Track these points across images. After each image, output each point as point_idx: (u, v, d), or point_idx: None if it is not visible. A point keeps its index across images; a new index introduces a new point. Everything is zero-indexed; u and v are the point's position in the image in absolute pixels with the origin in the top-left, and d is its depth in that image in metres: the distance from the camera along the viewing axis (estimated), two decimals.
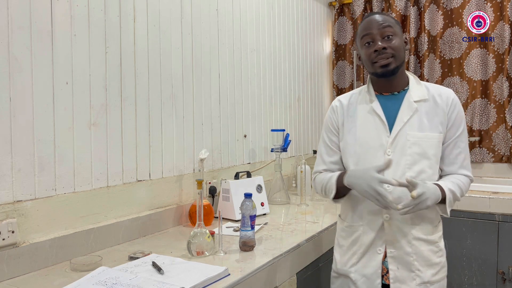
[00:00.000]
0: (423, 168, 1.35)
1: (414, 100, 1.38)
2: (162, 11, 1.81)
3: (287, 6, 2.82)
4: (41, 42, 1.35)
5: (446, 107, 1.38)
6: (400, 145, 1.36)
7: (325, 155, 1.52)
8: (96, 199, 1.53)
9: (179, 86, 1.90)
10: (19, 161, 1.30)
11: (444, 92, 1.41)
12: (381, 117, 1.39)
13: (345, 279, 1.47)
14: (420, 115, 1.37)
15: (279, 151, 2.36)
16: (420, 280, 1.36)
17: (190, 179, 1.95)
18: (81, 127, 1.48)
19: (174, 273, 1.22)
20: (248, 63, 2.40)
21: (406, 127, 1.36)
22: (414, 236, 1.36)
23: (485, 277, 2.37)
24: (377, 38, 1.35)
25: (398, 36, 1.36)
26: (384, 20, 1.36)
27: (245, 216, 1.49)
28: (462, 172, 1.40)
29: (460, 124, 1.39)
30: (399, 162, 1.35)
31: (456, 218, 2.41)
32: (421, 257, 1.36)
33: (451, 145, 1.39)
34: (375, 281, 1.39)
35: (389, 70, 1.35)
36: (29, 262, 1.29)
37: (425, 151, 1.35)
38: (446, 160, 1.41)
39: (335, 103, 1.52)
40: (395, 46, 1.34)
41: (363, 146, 1.40)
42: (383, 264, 1.39)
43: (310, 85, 3.15)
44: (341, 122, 1.48)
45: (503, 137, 2.83)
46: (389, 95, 1.42)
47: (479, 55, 2.89)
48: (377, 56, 1.34)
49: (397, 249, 1.36)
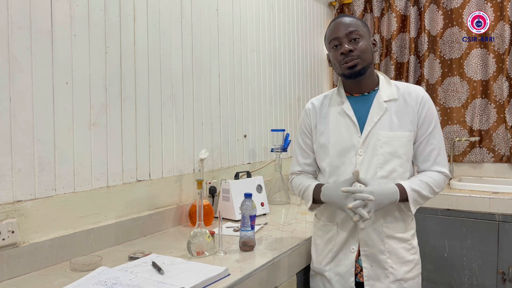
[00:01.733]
0: (394, 167, 1.38)
1: (384, 100, 1.40)
2: (162, 11, 1.81)
3: (287, 6, 2.82)
4: (41, 42, 1.35)
5: (416, 106, 1.40)
6: (372, 145, 1.38)
7: (300, 157, 1.58)
8: (96, 199, 1.53)
9: (179, 86, 1.90)
10: (19, 161, 1.30)
11: (414, 90, 1.43)
12: (351, 118, 1.41)
13: (321, 277, 1.50)
14: (390, 114, 1.39)
15: (279, 151, 2.36)
16: (394, 278, 1.39)
17: (190, 179, 1.96)
18: (81, 127, 1.48)
19: (174, 273, 1.22)
20: (248, 63, 2.40)
21: (376, 127, 1.39)
22: (387, 234, 1.39)
23: (485, 277, 2.37)
24: (343, 41, 1.38)
25: (364, 38, 1.38)
26: (351, 23, 1.39)
27: (245, 216, 1.49)
28: (435, 168, 1.41)
29: (431, 121, 1.41)
30: (371, 161, 1.38)
31: (456, 218, 2.41)
32: (394, 254, 1.39)
33: (423, 143, 1.41)
34: (348, 279, 1.42)
35: (355, 71, 1.38)
36: (29, 262, 1.29)
37: (396, 150, 1.37)
38: (419, 158, 1.43)
39: (307, 106, 1.56)
40: (361, 48, 1.37)
41: (336, 147, 1.43)
42: (357, 263, 1.42)
43: (310, 85, 3.15)
44: (313, 124, 1.51)
45: (503, 137, 2.83)
46: (359, 96, 1.45)
47: (479, 55, 2.89)
48: (344, 59, 1.38)
49: (370, 247, 1.39)
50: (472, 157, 2.92)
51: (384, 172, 1.37)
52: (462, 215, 2.40)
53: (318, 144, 1.48)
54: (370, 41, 1.42)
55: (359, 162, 1.39)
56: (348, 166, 1.39)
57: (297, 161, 1.58)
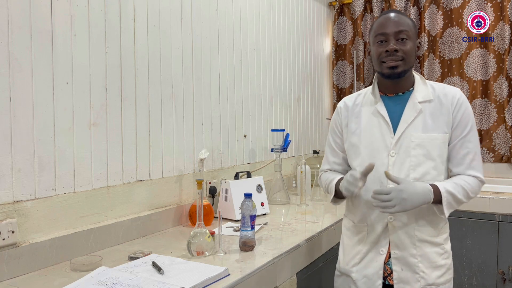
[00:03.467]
0: (427, 169, 1.34)
1: (419, 101, 1.37)
2: (162, 11, 1.81)
3: (287, 6, 2.82)
4: (41, 42, 1.35)
5: (451, 107, 1.36)
6: (404, 146, 1.35)
7: (330, 155, 1.57)
8: (96, 199, 1.53)
9: (179, 86, 1.90)
10: (19, 161, 1.30)
11: (450, 92, 1.38)
12: (385, 118, 1.39)
13: (346, 278, 1.48)
14: (425, 116, 1.36)
15: (279, 151, 2.36)
16: (425, 282, 1.35)
17: (190, 179, 1.95)
18: (81, 127, 1.48)
19: (174, 273, 1.22)
20: (248, 63, 2.40)
21: (410, 128, 1.36)
22: (419, 238, 1.35)
23: (485, 277, 2.37)
24: (390, 39, 1.33)
25: (411, 40, 1.35)
26: (401, 21, 1.34)
27: (245, 216, 1.49)
28: (469, 173, 1.36)
29: (466, 124, 1.36)
30: (404, 163, 1.35)
31: (456, 218, 2.41)
32: (426, 259, 1.35)
33: (457, 145, 1.36)
34: (376, 281, 1.39)
35: (396, 72, 1.34)
36: (29, 262, 1.29)
37: (430, 152, 1.34)
38: (453, 161, 1.38)
39: (339, 105, 1.54)
40: (407, 50, 1.33)
41: (368, 147, 1.40)
42: (387, 265, 1.39)
43: (310, 85, 3.14)
44: (344, 123, 1.49)
45: (503, 137, 2.83)
46: (394, 96, 1.42)
47: (479, 55, 2.89)
48: (387, 57, 1.33)
49: (401, 250, 1.36)
50: None
51: (417, 174, 1.33)
52: (462, 215, 2.40)
53: (350, 143, 1.46)
54: (416, 44, 1.38)
55: (391, 163, 1.36)
56: (380, 167, 1.36)
57: (327, 160, 1.58)
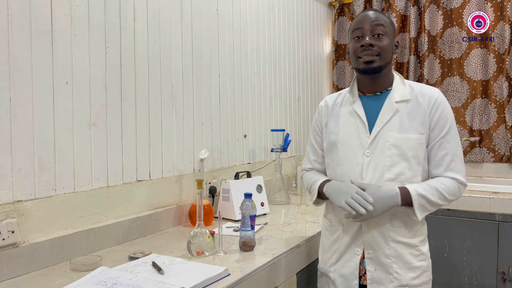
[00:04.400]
0: (402, 170, 1.33)
1: (396, 100, 1.36)
2: (162, 11, 1.81)
3: (287, 6, 2.82)
4: (41, 42, 1.35)
5: (428, 107, 1.35)
6: (380, 146, 1.35)
7: (311, 154, 1.59)
8: (96, 199, 1.53)
9: (179, 86, 1.90)
10: (19, 161, 1.30)
11: (427, 92, 1.38)
12: (361, 118, 1.39)
13: (326, 278, 1.49)
14: (401, 116, 1.35)
15: (279, 151, 2.36)
16: (398, 283, 1.34)
17: (190, 179, 1.95)
18: (81, 127, 1.48)
19: (174, 273, 1.22)
20: (248, 63, 2.40)
21: (386, 128, 1.35)
22: (393, 239, 1.35)
23: (485, 277, 2.37)
24: (366, 34, 1.34)
25: (388, 37, 1.36)
26: (378, 17, 1.36)
27: (245, 216, 1.49)
28: (448, 174, 1.34)
29: (444, 124, 1.35)
30: (378, 163, 1.35)
31: (456, 218, 2.41)
32: (400, 259, 1.35)
33: (436, 147, 1.35)
34: (352, 281, 1.40)
35: (371, 67, 1.34)
36: (29, 262, 1.29)
37: (405, 153, 1.33)
38: (432, 162, 1.37)
39: (321, 104, 1.56)
40: (383, 45, 1.34)
41: (344, 146, 1.41)
42: (362, 265, 1.40)
43: (310, 85, 3.14)
44: (324, 122, 1.51)
45: (503, 137, 2.83)
46: (371, 95, 1.42)
47: (479, 55, 2.89)
48: (363, 52, 1.34)
49: (375, 250, 1.36)
50: (472, 157, 2.92)
51: (391, 174, 1.33)
52: (462, 215, 2.40)
53: (328, 142, 1.47)
54: (393, 42, 1.38)
55: (366, 162, 1.36)
56: (355, 166, 1.37)
57: (308, 158, 1.59)
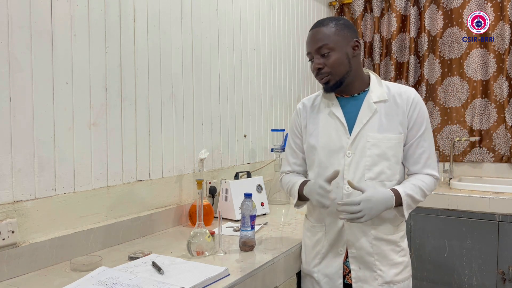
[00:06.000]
0: (382, 169, 1.36)
1: (374, 101, 1.38)
2: (162, 11, 1.81)
3: (287, 6, 2.82)
4: (41, 42, 1.35)
5: (406, 107, 1.38)
6: (360, 146, 1.37)
7: (290, 157, 1.58)
8: (96, 199, 1.53)
9: (179, 86, 1.90)
10: (19, 161, 1.30)
11: (404, 92, 1.40)
12: (340, 120, 1.40)
13: (310, 278, 1.49)
14: (380, 116, 1.37)
15: (279, 151, 2.36)
16: (382, 280, 1.37)
17: (190, 179, 1.95)
18: (81, 127, 1.48)
19: (174, 273, 1.22)
20: (248, 63, 2.40)
21: (365, 129, 1.37)
22: (375, 236, 1.37)
23: (485, 277, 2.37)
24: (315, 56, 1.39)
25: (336, 50, 1.35)
26: (319, 37, 1.36)
27: (245, 216, 1.49)
28: (426, 171, 1.40)
29: (421, 123, 1.38)
30: (359, 163, 1.36)
31: (456, 218, 2.41)
32: (383, 257, 1.38)
33: (414, 145, 1.39)
34: (337, 281, 1.41)
35: (329, 86, 1.39)
36: (29, 262, 1.29)
37: (385, 152, 1.36)
38: (410, 160, 1.41)
39: (298, 106, 1.55)
40: (331, 63, 1.35)
41: (324, 148, 1.42)
42: (345, 264, 1.41)
43: (310, 85, 3.14)
44: (303, 124, 1.51)
45: (503, 137, 2.83)
46: (349, 97, 1.44)
47: (479, 55, 2.89)
48: (316, 75, 1.40)
49: (358, 249, 1.38)
50: (472, 157, 2.92)
51: (372, 174, 1.36)
52: (462, 215, 2.40)
53: (308, 144, 1.48)
54: (347, 48, 1.36)
55: (347, 163, 1.37)
56: (336, 167, 1.37)
57: (287, 161, 1.59)
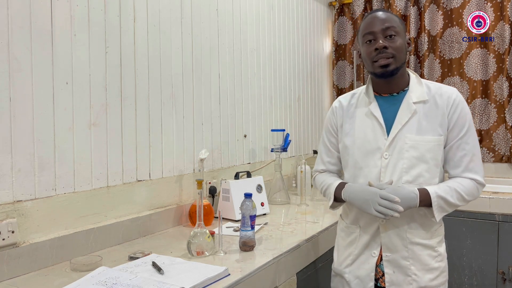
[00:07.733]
0: (420, 172, 1.31)
1: (413, 101, 1.34)
2: (162, 11, 1.81)
3: (287, 6, 2.82)
4: (41, 42, 1.35)
5: (447, 108, 1.32)
6: (398, 148, 1.33)
7: (324, 155, 1.55)
8: (96, 199, 1.53)
9: (179, 86, 1.90)
10: (19, 161, 1.30)
11: (445, 92, 1.35)
12: (378, 120, 1.37)
13: (340, 278, 1.47)
14: (419, 117, 1.33)
15: (279, 151, 2.36)
16: (417, 285, 1.34)
17: (190, 179, 1.95)
18: (81, 127, 1.48)
19: (174, 273, 1.22)
20: (248, 63, 2.40)
21: (404, 130, 1.33)
22: (411, 240, 1.34)
23: (485, 277, 2.37)
24: (379, 37, 1.31)
25: (400, 36, 1.32)
26: (388, 18, 1.32)
27: (245, 216, 1.49)
28: (467, 175, 1.33)
29: (463, 125, 1.32)
30: (396, 165, 1.33)
31: (456, 218, 2.41)
32: (418, 261, 1.34)
33: (454, 147, 1.33)
34: (368, 283, 1.38)
35: (388, 70, 1.31)
36: (29, 262, 1.29)
37: (423, 155, 1.31)
38: (450, 163, 1.35)
39: (335, 104, 1.52)
40: (397, 46, 1.31)
41: (361, 149, 1.39)
42: (379, 267, 1.38)
43: (310, 85, 3.14)
44: (340, 123, 1.47)
45: (503, 137, 2.83)
46: (388, 96, 1.40)
47: (479, 55, 2.89)
48: (377, 55, 1.31)
49: (393, 252, 1.35)
50: None
51: (409, 177, 1.31)
52: (462, 215, 2.40)
53: (343, 144, 1.44)
54: (406, 40, 1.36)
55: (384, 165, 1.33)
56: (372, 168, 1.35)
57: (322, 159, 1.55)
